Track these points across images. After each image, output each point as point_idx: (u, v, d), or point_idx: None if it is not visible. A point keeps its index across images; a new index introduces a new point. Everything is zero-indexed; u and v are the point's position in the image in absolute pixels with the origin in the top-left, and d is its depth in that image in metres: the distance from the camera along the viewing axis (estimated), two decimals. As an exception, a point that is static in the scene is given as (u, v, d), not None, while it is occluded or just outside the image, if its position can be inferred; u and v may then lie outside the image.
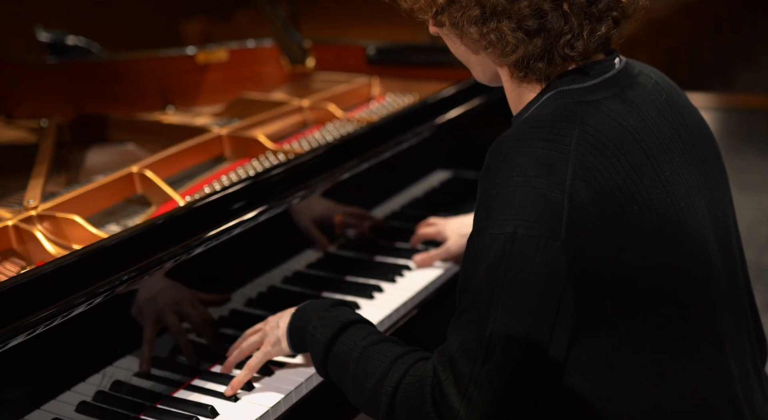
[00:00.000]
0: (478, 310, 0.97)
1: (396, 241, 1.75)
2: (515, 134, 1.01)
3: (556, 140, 0.98)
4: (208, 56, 2.33)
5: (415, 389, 1.02)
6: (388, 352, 1.08)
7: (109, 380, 1.21)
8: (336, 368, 1.13)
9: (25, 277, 1.07)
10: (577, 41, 1.01)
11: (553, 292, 0.95)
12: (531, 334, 0.95)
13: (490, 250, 0.96)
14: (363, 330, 1.14)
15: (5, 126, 2.11)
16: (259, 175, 1.43)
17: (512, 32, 1.00)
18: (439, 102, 1.88)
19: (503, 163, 0.98)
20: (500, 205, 0.97)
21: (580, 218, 0.95)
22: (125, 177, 1.56)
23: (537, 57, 1.02)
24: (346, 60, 2.33)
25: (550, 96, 1.05)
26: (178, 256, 1.24)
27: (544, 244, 0.94)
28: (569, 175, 0.95)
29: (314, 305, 1.23)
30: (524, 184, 0.96)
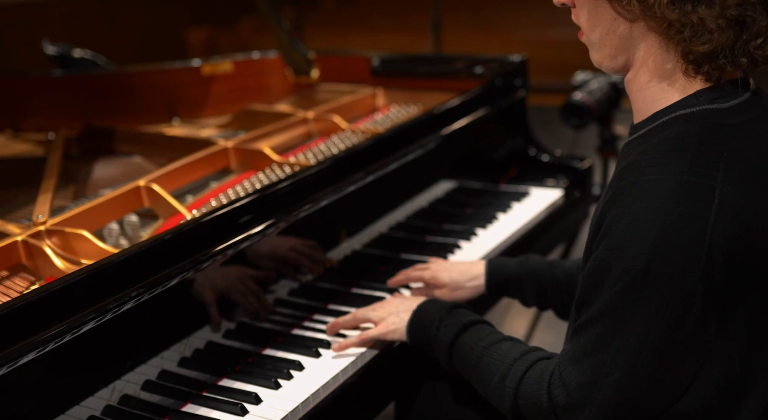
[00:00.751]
0: (605, 327, 0.98)
1: (401, 252, 1.75)
2: (657, 158, 0.97)
3: (704, 167, 0.94)
4: (213, 68, 2.35)
5: (535, 390, 1.06)
6: (508, 352, 1.13)
7: (117, 394, 1.21)
8: (461, 367, 1.20)
9: (36, 295, 1.08)
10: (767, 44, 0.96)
11: (685, 322, 0.95)
12: (661, 353, 0.96)
13: (620, 282, 0.96)
14: (483, 330, 1.20)
15: (13, 139, 2.13)
16: (266, 189, 1.44)
17: (714, 19, 0.94)
18: (443, 113, 1.89)
19: (644, 190, 0.95)
20: (635, 235, 0.94)
21: (724, 251, 0.93)
22: (132, 190, 1.57)
23: (724, 52, 0.96)
24: (351, 71, 2.34)
25: (693, 113, 1.00)
26: (186, 271, 1.25)
27: (678, 279, 0.93)
28: (715, 207, 0.92)
29: (436, 305, 1.29)
30: (665, 216, 0.93)
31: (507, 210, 1.95)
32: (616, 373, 0.98)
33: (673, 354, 0.96)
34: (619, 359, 0.97)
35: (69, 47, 2.38)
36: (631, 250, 0.95)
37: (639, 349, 0.96)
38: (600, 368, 0.99)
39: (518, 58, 2.15)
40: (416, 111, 2.12)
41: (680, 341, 0.96)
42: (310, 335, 1.42)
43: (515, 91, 2.14)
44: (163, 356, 1.27)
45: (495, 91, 2.08)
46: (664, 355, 0.96)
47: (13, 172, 1.95)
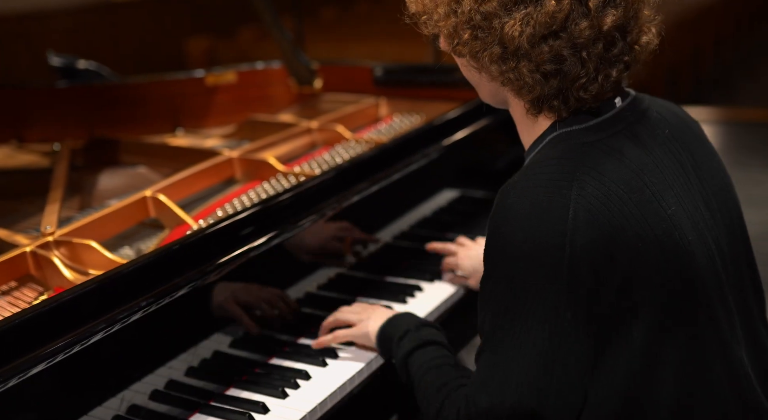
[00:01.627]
0: (492, 348, 1.04)
1: (405, 261, 1.76)
2: (518, 181, 1.04)
3: (558, 186, 1.00)
4: (217, 78, 2.36)
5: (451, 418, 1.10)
6: (442, 376, 1.17)
7: (126, 404, 1.22)
8: (409, 380, 1.24)
9: (46, 306, 1.09)
10: (591, 85, 1.03)
11: (559, 330, 0.99)
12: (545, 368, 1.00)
13: (495, 297, 1.03)
14: (436, 352, 1.24)
15: (18, 150, 2.14)
16: (270, 200, 1.45)
17: (530, 73, 1.03)
18: (446, 123, 1.90)
19: (505, 212, 1.02)
20: (502, 253, 1.01)
21: (582, 261, 0.97)
22: (139, 201, 1.59)
23: (552, 97, 1.05)
24: (354, 81, 2.36)
25: (554, 138, 1.08)
26: (193, 282, 1.25)
27: (544, 290, 0.98)
28: (569, 221, 0.97)
29: (406, 319, 1.34)
30: (525, 232, 0.99)
31: (510, 219, 1.95)
32: (512, 392, 1.01)
33: (558, 364, 1.00)
34: (511, 378, 1.01)
35: (73, 58, 2.40)
36: (499, 270, 1.02)
37: (526, 366, 1.00)
38: (498, 391, 1.02)
39: (520, 68, 2.16)
40: (419, 120, 2.14)
41: (560, 352, 0.99)
42: None
43: (517, 101, 2.15)
44: (170, 366, 1.28)
45: (497, 100, 2.09)
46: (550, 367, 1.00)
47: (20, 182, 1.96)
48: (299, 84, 2.40)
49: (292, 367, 1.36)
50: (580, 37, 1.00)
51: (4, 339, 1.04)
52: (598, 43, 1.01)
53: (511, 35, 1.01)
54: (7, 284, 1.34)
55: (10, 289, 1.33)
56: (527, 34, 1.00)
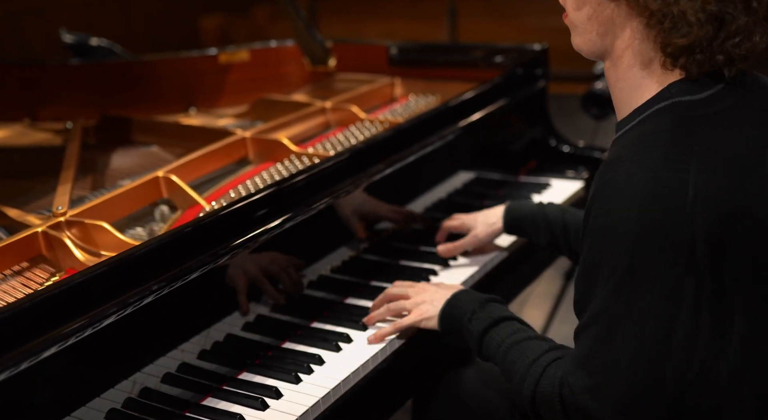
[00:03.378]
0: (602, 325, 1.00)
1: (420, 244, 1.74)
2: (629, 154, 0.98)
3: (676, 161, 0.95)
4: (230, 57, 2.33)
5: (549, 394, 1.08)
6: (528, 352, 1.15)
7: (138, 387, 1.21)
8: (489, 359, 1.23)
9: (58, 288, 1.08)
10: (745, 42, 0.97)
11: (677, 317, 0.96)
12: (660, 345, 0.97)
13: (609, 282, 0.98)
14: (511, 326, 1.22)
15: (31, 128, 2.13)
16: (284, 182, 1.43)
17: (694, 12, 0.95)
18: (463, 104, 1.87)
19: (617, 188, 0.96)
20: (615, 235, 0.96)
21: (706, 241, 0.94)
22: (151, 181, 1.57)
23: (701, 46, 0.97)
24: (368, 60, 2.32)
25: (662, 108, 1.01)
26: (206, 264, 1.24)
27: (663, 275, 0.95)
28: (690, 199, 0.93)
29: (469, 296, 1.31)
30: (640, 214, 0.94)
31: (527, 202, 1.92)
32: (619, 371, 0.99)
33: (672, 348, 0.98)
34: (621, 359, 0.99)
35: (86, 36, 2.38)
36: (615, 250, 0.97)
37: (638, 348, 0.98)
38: (603, 370, 1.00)
39: (539, 47, 2.12)
40: (434, 101, 2.10)
41: (677, 335, 0.97)
42: (330, 328, 1.42)
43: (536, 81, 2.11)
44: (183, 349, 1.27)
45: (515, 80, 2.05)
46: (663, 350, 0.98)
47: (32, 161, 1.95)
48: (313, 63, 2.36)
49: (305, 352, 1.35)
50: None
51: (17, 322, 1.03)
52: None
53: None
54: (19, 265, 1.33)
55: (22, 269, 1.32)
56: None
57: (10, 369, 1.00)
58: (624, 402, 1.00)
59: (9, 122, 2.13)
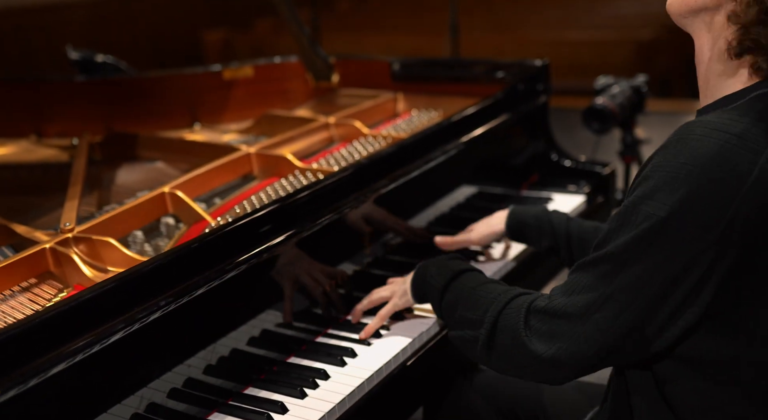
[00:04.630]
0: (609, 266, 1.01)
1: (423, 259, 1.74)
2: (713, 121, 0.97)
3: (752, 143, 0.95)
4: (234, 73, 2.36)
5: (513, 318, 1.10)
6: (494, 290, 1.19)
7: (144, 402, 1.22)
8: (448, 311, 1.25)
9: (66, 305, 1.09)
10: None
11: (686, 279, 0.97)
12: (649, 307, 0.98)
13: (640, 226, 0.98)
14: (473, 276, 1.27)
15: (37, 145, 2.15)
16: (288, 198, 1.44)
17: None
18: (465, 119, 1.88)
19: (688, 147, 0.96)
20: (666, 187, 0.96)
21: (745, 224, 0.94)
22: (157, 197, 1.58)
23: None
24: (371, 75, 2.34)
25: (759, 95, 1.00)
26: (212, 280, 1.25)
27: (692, 237, 0.95)
28: (750, 181, 0.94)
29: (433, 260, 1.36)
30: (699, 176, 0.94)
31: (529, 216, 1.94)
32: (603, 311, 1.00)
33: (662, 309, 0.99)
34: (612, 299, 1.00)
35: (92, 53, 2.40)
36: (658, 199, 0.97)
37: (634, 295, 0.99)
38: (590, 304, 1.01)
39: (540, 62, 2.14)
40: (437, 116, 2.12)
41: (675, 297, 0.98)
42: (335, 343, 1.43)
43: (537, 96, 2.13)
44: (189, 364, 1.28)
45: (517, 95, 2.07)
46: (654, 308, 0.99)
47: (39, 178, 1.97)
48: (316, 79, 2.39)
49: (310, 366, 1.36)
50: None
51: (25, 339, 1.04)
52: None
53: None
54: (27, 281, 1.34)
55: (30, 285, 1.33)
56: None
57: (18, 386, 1.01)
58: (594, 341, 1.01)
59: (15, 138, 2.15)
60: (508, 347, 1.11)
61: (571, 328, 1.03)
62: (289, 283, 1.42)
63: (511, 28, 6.35)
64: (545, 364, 1.06)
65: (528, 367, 1.09)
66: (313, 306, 1.49)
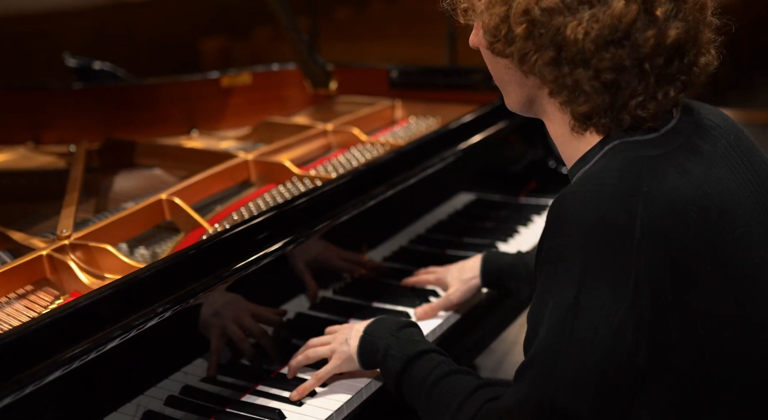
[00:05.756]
0: (542, 368, 0.97)
1: (421, 266, 1.74)
2: (579, 191, 0.97)
3: (624, 200, 0.94)
4: (232, 80, 2.36)
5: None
6: (456, 388, 1.11)
7: (141, 410, 1.21)
8: (410, 398, 1.18)
9: (63, 311, 1.08)
10: (650, 103, 0.98)
11: (618, 350, 0.93)
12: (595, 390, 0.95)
13: (552, 315, 0.96)
14: (431, 362, 1.17)
15: (34, 152, 2.14)
16: (286, 204, 1.44)
17: (589, 81, 0.97)
18: (463, 126, 1.89)
19: (566, 223, 0.96)
20: (562, 268, 0.95)
21: (650, 280, 0.92)
22: (154, 204, 1.58)
23: (602, 112, 0.99)
24: (369, 83, 2.34)
25: (614, 147, 1.01)
26: (209, 287, 1.25)
27: (608, 308, 0.93)
28: (637, 238, 0.92)
29: (382, 327, 1.26)
30: (588, 247, 0.93)
31: (527, 223, 1.94)
32: (558, 413, 0.96)
33: (609, 388, 0.95)
34: (560, 398, 0.95)
35: (89, 60, 2.40)
36: (561, 283, 0.95)
37: (578, 386, 0.95)
38: (542, 410, 0.97)
39: (537, 70, 2.14)
40: (435, 123, 2.12)
41: (614, 372, 0.94)
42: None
43: (534, 104, 2.13)
44: (186, 371, 1.27)
45: (514, 103, 2.07)
46: (601, 391, 0.95)
47: (36, 184, 1.97)
48: (314, 86, 2.39)
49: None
50: (644, 47, 0.95)
51: (22, 346, 1.04)
52: (659, 57, 0.96)
53: (574, 38, 0.95)
54: (24, 288, 1.34)
55: (27, 292, 1.33)
56: (591, 37, 0.94)
57: (15, 393, 1.01)
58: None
59: (13, 146, 2.15)
60: None
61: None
62: (216, 331, 1.29)
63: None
64: None
65: None
66: (313, 310, 1.49)
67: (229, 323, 1.31)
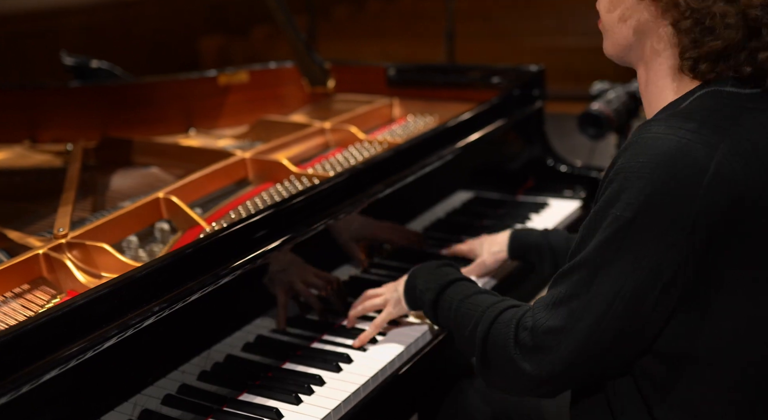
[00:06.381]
0: (585, 273, 1.01)
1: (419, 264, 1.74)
2: (668, 120, 0.99)
3: (708, 136, 0.96)
4: (229, 78, 2.35)
5: (503, 334, 1.09)
6: (480, 302, 1.19)
7: (138, 409, 1.21)
8: (444, 323, 1.28)
9: (59, 310, 1.08)
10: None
11: (660, 276, 0.97)
12: (628, 306, 0.99)
13: (608, 229, 0.99)
14: (460, 286, 1.27)
15: (31, 150, 2.14)
16: (284, 203, 1.44)
17: (733, 15, 0.97)
18: (461, 124, 1.88)
19: (646, 146, 0.97)
20: (630, 187, 0.97)
21: (710, 218, 0.95)
22: (152, 203, 1.58)
23: (731, 55, 0.99)
24: (367, 81, 2.34)
25: (708, 92, 1.02)
26: (206, 286, 1.24)
27: (662, 234, 0.96)
28: (709, 174, 0.94)
29: (423, 268, 1.37)
30: (661, 172, 0.95)
31: (525, 221, 1.93)
32: (586, 319, 1.01)
33: (643, 307, 0.99)
34: (592, 305, 1.00)
35: (86, 58, 2.40)
36: (624, 200, 0.98)
37: (612, 298, 0.99)
38: (572, 314, 1.02)
39: (535, 68, 2.14)
40: (433, 121, 2.12)
41: (653, 295, 0.98)
42: (330, 349, 1.42)
43: (533, 102, 2.13)
44: (183, 370, 1.27)
45: (512, 101, 2.07)
46: (635, 307, 0.99)
47: (33, 183, 1.96)
48: (312, 84, 2.38)
49: (305, 372, 1.35)
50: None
51: (18, 344, 1.03)
52: None
53: None
54: (20, 287, 1.33)
55: (23, 291, 1.32)
56: None
57: (11, 392, 1.00)
58: (581, 350, 1.01)
59: (10, 144, 2.14)
60: (501, 364, 1.10)
61: (557, 342, 1.03)
62: (282, 288, 1.41)
63: (507, 35, 6.36)
64: (535, 380, 1.06)
65: (520, 384, 1.09)
66: (308, 311, 1.48)
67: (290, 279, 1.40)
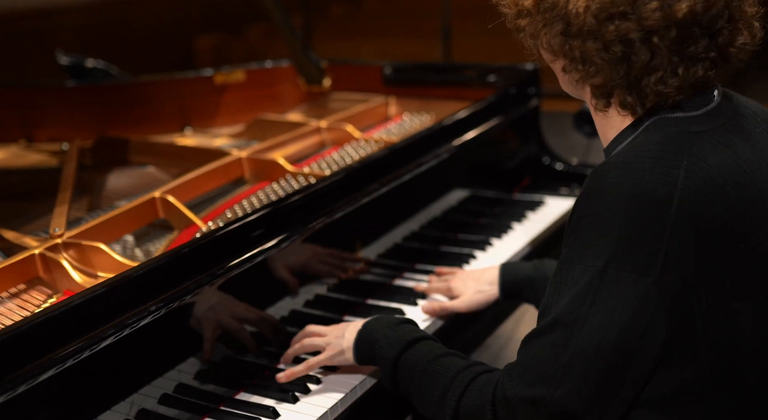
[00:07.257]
0: (558, 333, 0.97)
1: (416, 262, 1.75)
2: (620, 162, 0.98)
3: (664, 173, 0.95)
4: (225, 77, 2.35)
5: (478, 405, 1.04)
6: (451, 365, 1.12)
7: (135, 409, 1.21)
8: (404, 383, 1.18)
9: (56, 310, 1.08)
10: (671, 78, 0.99)
11: (638, 325, 0.95)
12: (610, 363, 0.96)
13: (579, 282, 0.97)
14: (426, 346, 1.19)
15: (27, 150, 2.14)
16: (280, 202, 1.44)
17: (598, 54, 0.99)
18: (457, 123, 1.89)
19: (605, 192, 0.97)
20: (595, 235, 0.96)
21: (680, 255, 0.94)
22: (148, 202, 1.58)
23: (622, 88, 1.00)
24: (363, 80, 2.34)
25: (653, 122, 1.02)
26: (203, 285, 1.24)
27: (635, 280, 0.94)
28: (674, 211, 0.93)
29: (380, 322, 1.27)
30: (624, 217, 0.94)
31: (522, 219, 1.94)
32: (566, 384, 0.96)
33: (625, 360, 0.96)
34: (570, 368, 0.96)
35: (82, 58, 2.39)
36: (592, 250, 0.96)
37: (593, 356, 0.95)
38: (550, 381, 0.97)
39: (531, 66, 2.14)
40: (429, 120, 2.12)
41: (632, 347, 0.95)
42: None
43: (528, 100, 2.13)
44: (180, 369, 1.27)
45: (508, 99, 2.08)
46: (616, 361, 0.95)
47: (28, 183, 1.96)
48: (308, 83, 2.38)
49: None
50: (649, 20, 0.95)
51: (14, 345, 1.03)
52: (670, 31, 0.96)
53: (575, 12, 0.97)
54: (16, 287, 1.33)
55: (19, 291, 1.32)
56: (592, 11, 0.96)
57: (7, 392, 1.00)
58: (562, 418, 0.97)
59: (5, 144, 2.14)
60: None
61: (536, 413, 0.98)
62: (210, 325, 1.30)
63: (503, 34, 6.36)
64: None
65: None
66: (307, 308, 1.48)
67: (224, 316, 1.31)
